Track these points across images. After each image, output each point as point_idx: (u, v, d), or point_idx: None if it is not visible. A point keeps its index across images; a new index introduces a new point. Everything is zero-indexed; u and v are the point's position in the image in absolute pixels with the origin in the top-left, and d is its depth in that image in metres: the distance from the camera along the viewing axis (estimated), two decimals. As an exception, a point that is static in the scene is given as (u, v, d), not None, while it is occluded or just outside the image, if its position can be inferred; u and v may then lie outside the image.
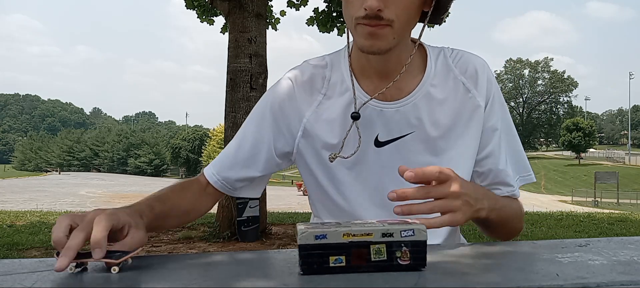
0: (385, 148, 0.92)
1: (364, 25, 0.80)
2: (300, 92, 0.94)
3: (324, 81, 0.95)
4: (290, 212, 10.62)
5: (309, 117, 0.94)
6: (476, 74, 0.93)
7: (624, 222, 8.60)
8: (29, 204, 14.70)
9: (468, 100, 0.92)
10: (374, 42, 0.81)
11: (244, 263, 0.60)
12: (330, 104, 0.93)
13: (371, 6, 0.77)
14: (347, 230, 0.54)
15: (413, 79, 0.92)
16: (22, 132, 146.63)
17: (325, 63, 0.96)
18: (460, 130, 0.92)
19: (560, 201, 28.41)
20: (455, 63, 0.94)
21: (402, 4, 0.80)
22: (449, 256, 0.63)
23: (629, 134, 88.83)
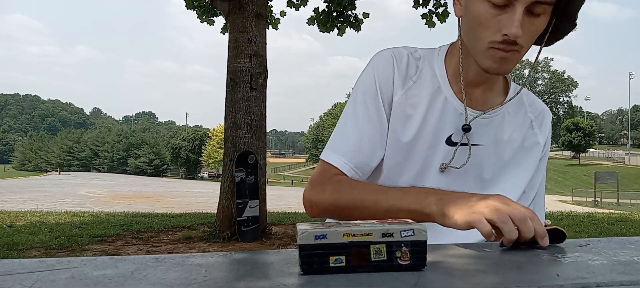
0: (453, 149, 0.96)
1: (498, 50, 0.83)
2: (398, 71, 0.97)
3: (417, 69, 0.98)
4: (290, 212, 10.63)
5: (399, 97, 0.96)
6: (543, 118, 1.02)
7: (624, 222, 8.61)
8: (29, 204, 14.70)
9: (531, 136, 1.00)
10: (502, 66, 0.85)
11: (244, 263, 0.60)
12: (419, 92, 0.96)
13: (515, 34, 0.80)
14: (347, 230, 0.54)
15: (495, 97, 0.98)
16: (22, 132, 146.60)
17: (419, 55, 0.99)
18: (519, 160, 0.99)
19: (560, 201, 28.41)
20: (528, 101, 1.02)
21: (532, 32, 0.83)
22: (449, 256, 0.63)
23: (629, 134, 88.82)
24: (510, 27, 0.79)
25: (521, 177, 1.00)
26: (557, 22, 0.87)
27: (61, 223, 7.78)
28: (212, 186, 32.53)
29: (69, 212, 10.36)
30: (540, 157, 1.01)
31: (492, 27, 0.82)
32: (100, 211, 10.87)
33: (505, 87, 1.01)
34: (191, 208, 13.34)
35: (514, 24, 0.79)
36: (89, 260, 0.61)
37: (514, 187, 0.99)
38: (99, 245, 5.97)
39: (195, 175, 65.09)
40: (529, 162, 1.00)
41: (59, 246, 5.80)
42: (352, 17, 9.06)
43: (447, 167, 0.95)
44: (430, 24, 9.03)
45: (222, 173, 6.95)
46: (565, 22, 0.87)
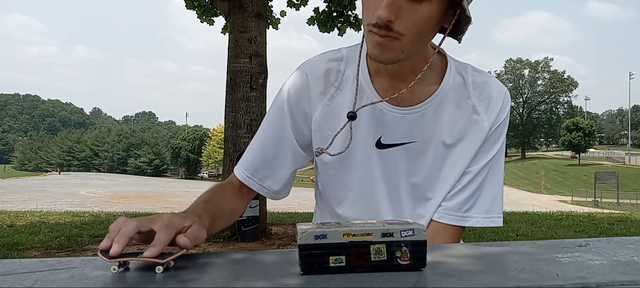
0: (386, 151, 0.93)
1: (374, 33, 0.79)
2: (314, 85, 0.94)
3: (338, 74, 0.94)
4: (290, 212, 10.62)
5: (320, 110, 0.94)
6: (490, 99, 0.92)
7: (624, 222, 8.60)
8: (29, 204, 14.70)
9: (473, 124, 0.92)
10: (381, 53, 0.80)
11: (244, 263, 0.60)
12: (342, 96, 0.94)
13: (380, 16, 0.76)
14: (347, 230, 0.54)
15: (427, 88, 0.91)
16: (22, 132, 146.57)
17: (341, 56, 0.95)
18: (459, 150, 0.92)
19: (560, 201, 28.41)
20: (475, 84, 0.93)
21: (414, 19, 0.77)
22: (449, 256, 0.63)
23: (629, 134, 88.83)
24: (378, 8, 0.76)
25: (456, 168, 0.92)
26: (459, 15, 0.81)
27: (61, 223, 7.78)
28: (212, 186, 32.48)
29: (69, 212, 10.35)
30: (483, 141, 0.92)
31: (371, 9, 0.79)
32: (100, 211, 10.87)
33: (441, 72, 0.92)
34: (191, 208, 13.31)
35: (382, 6, 0.75)
36: (89, 260, 0.61)
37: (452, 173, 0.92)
38: (99, 245, 5.97)
39: (195, 175, 65.08)
40: (467, 149, 0.92)
41: (59, 246, 5.79)
42: (352, 17, 9.05)
43: (322, 151, 0.91)
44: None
45: (222, 174, 6.96)
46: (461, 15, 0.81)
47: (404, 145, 0.92)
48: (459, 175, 0.93)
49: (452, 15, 0.82)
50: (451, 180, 0.93)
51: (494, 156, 0.93)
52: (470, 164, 0.93)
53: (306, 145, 0.98)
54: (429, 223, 0.95)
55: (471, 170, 0.93)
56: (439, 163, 0.93)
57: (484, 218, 0.93)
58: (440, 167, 0.93)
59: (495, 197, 0.95)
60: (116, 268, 0.55)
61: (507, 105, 0.94)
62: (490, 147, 0.93)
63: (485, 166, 0.93)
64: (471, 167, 0.93)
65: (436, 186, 0.94)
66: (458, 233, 0.95)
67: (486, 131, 0.92)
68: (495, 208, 0.95)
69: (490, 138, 0.92)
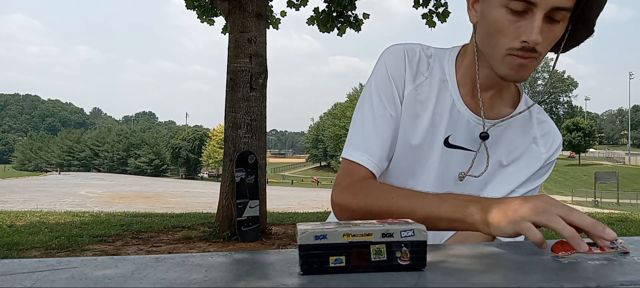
0: (450, 151, 0.96)
1: (517, 57, 0.82)
2: (409, 65, 0.96)
3: (428, 66, 0.97)
4: (290, 212, 10.62)
5: (409, 92, 0.96)
6: (552, 141, 1.00)
7: (624, 222, 8.60)
8: (29, 204, 14.70)
9: (532, 151, 0.98)
10: (520, 73, 0.84)
11: (244, 263, 0.60)
12: (429, 89, 0.96)
13: (535, 41, 0.78)
14: (347, 230, 0.54)
15: (503, 107, 0.97)
16: (22, 132, 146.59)
17: (431, 53, 0.98)
18: (513, 170, 0.98)
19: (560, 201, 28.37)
20: (539, 120, 1.01)
21: (550, 38, 0.81)
22: (449, 256, 0.63)
23: (629, 133, 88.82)
24: (530, 34, 0.78)
25: (508, 182, 0.97)
26: (574, 28, 0.85)
27: (61, 223, 7.78)
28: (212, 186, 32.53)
29: (69, 212, 10.36)
30: (537, 170, 0.98)
31: (511, 33, 0.81)
32: (100, 211, 10.88)
33: (516, 97, 0.99)
34: (191, 208, 13.34)
35: (534, 31, 0.78)
36: (89, 260, 0.61)
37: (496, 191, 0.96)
38: (99, 245, 5.97)
39: (195, 175, 65.09)
40: (522, 170, 0.97)
41: (59, 246, 5.79)
42: (352, 17, 9.05)
43: (466, 175, 0.94)
44: (430, 23, 9.02)
45: (222, 174, 6.95)
46: (582, 28, 0.85)
47: (465, 151, 0.96)
48: (506, 193, 0.97)
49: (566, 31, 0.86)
50: (498, 194, 0.96)
51: (537, 187, 1.00)
52: (520, 186, 0.98)
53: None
54: None
55: (518, 191, 0.97)
56: (489, 177, 0.97)
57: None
58: (490, 181, 0.97)
59: None
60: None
61: (560, 149, 1.02)
62: (538, 177, 0.99)
63: (528, 192, 0.98)
64: (519, 188, 0.98)
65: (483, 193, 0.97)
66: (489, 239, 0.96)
67: (542, 161, 0.98)
68: None
69: (541, 170, 0.99)
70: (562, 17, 0.80)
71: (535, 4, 0.77)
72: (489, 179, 0.97)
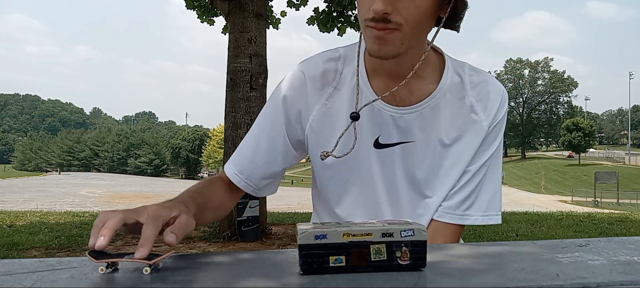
0: (384, 151, 0.92)
1: (372, 28, 0.79)
2: (311, 84, 0.94)
3: (335, 74, 0.94)
4: (290, 212, 10.62)
5: (318, 110, 0.93)
6: (488, 98, 0.92)
7: (624, 222, 8.60)
8: (29, 204, 14.70)
9: (472, 123, 0.92)
10: (382, 47, 0.80)
11: (244, 263, 0.60)
12: (340, 96, 0.93)
13: (377, 9, 0.75)
14: (347, 230, 0.54)
15: (426, 86, 0.91)
16: (22, 132, 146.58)
17: (339, 55, 0.95)
18: (458, 149, 0.92)
19: (560, 201, 28.42)
20: (472, 83, 0.93)
21: (411, 7, 0.77)
22: (449, 256, 0.63)
23: (629, 133, 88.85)
24: (373, 2, 0.76)
25: (456, 167, 0.92)
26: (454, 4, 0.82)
27: (61, 223, 7.78)
28: (212, 186, 32.47)
29: (69, 212, 10.36)
30: (482, 140, 0.92)
31: (366, 4, 0.78)
32: (100, 211, 10.84)
33: (440, 69, 0.92)
34: (191, 208, 13.31)
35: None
36: (88, 260, 0.61)
37: (452, 171, 0.92)
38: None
39: (196, 175, 65.06)
40: (467, 149, 0.92)
41: (59, 246, 5.80)
42: (353, 17, 9.05)
43: (328, 155, 0.89)
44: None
45: (222, 174, 6.95)
46: (461, 4, 0.82)
47: (401, 145, 0.92)
48: (459, 175, 0.93)
49: (448, 4, 0.82)
50: (451, 179, 0.93)
51: (492, 155, 0.94)
52: (469, 163, 0.93)
53: (299, 145, 0.97)
54: (429, 222, 0.95)
55: (470, 169, 0.93)
56: (437, 162, 0.93)
57: (483, 217, 0.94)
58: (439, 166, 0.93)
59: (494, 195, 0.95)
60: (104, 269, 0.54)
61: (505, 104, 0.94)
62: (488, 145, 0.93)
63: (483, 165, 0.93)
64: (470, 166, 0.93)
65: (435, 185, 0.94)
66: (458, 232, 0.95)
67: (485, 130, 0.92)
68: (493, 206, 0.95)
69: (489, 137, 0.93)
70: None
71: None
72: (439, 164, 0.92)
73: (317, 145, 0.95)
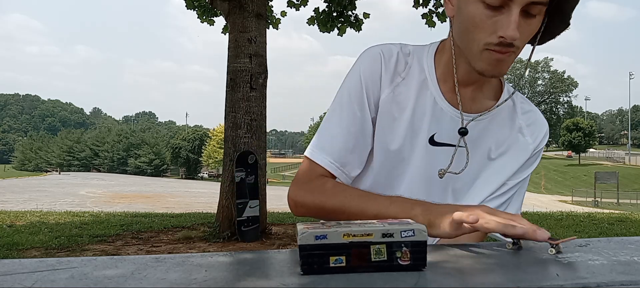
0: (435, 149, 0.95)
1: (494, 52, 0.81)
2: (385, 68, 0.95)
3: (406, 66, 0.96)
4: (290, 212, 10.60)
5: (386, 94, 0.95)
6: (538, 130, 0.99)
7: (624, 222, 8.60)
8: (29, 204, 14.69)
9: (518, 141, 0.97)
10: (498, 68, 0.83)
11: (244, 263, 0.60)
12: (407, 89, 0.95)
13: (512, 37, 0.78)
14: (347, 230, 0.54)
15: (485, 100, 0.96)
16: (22, 132, 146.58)
17: (409, 51, 0.97)
18: (502, 163, 0.97)
19: (560, 201, 28.41)
20: (523, 110, 0.99)
21: (529, 32, 0.81)
22: (449, 256, 0.63)
23: (629, 133, 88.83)
24: (507, 28, 0.78)
25: (496, 176, 0.96)
26: (550, 21, 0.85)
27: (61, 223, 7.78)
28: (212, 186, 32.52)
29: (69, 212, 10.36)
30: (525, 160, 0.97)
31: (487, 28, 0.80)
32: (100, 211, 10.87)
33: (498, 89, 0.98)
34: (191, 208, 13.33)
35: (511, 26, 0.77)
36: (89, 260, 0.61)
37: (487, 185, 0.96)
38: (99, 245, 5.97)
39: (195, 175, 65.05)
40: (510, 163, 0.96)
41: (59, 246, 5.80)
42: (353, 17, 9.05)
43: (446, 172, 0.92)
44: (430, 23, 9.03)
45: (222, 173, 6.95)
46: (558, 21, 0.85)
47: (452, 147, 0.94)
48: (497, 185, 0.96)
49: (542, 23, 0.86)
50: (489, 188, 0.96)
51: (526, 178, 0.99)
52: (510, 178, 0.97)
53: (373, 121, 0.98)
54: None
55: (508, 183, 0.97)
56: (477, 171, 0.96)
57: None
58: (478, 176, 0.96)
59: (517, 212, 0.98)
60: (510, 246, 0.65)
61: (547, 137, 1.00)
62: (527, 167, 0.98)
63: (518, 184, 0.97)
64: (510, 181, 0.97)
65: (471, 193, 0.96)
66: (480, 238, 0.96)
67: (530, 152, 0.97)
68: None
69: (529, 160, 0.98)
70: (539, 11, 0.80)
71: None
72: (478, 174, 0.96)
73: (379, 128, 0.95)
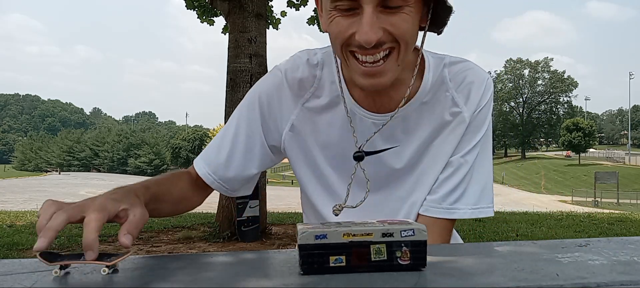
0: (369, 159, 0.89)
1: (361, 63, 0.75)
2: (290, 88, 0.92)
3: (314, 79, 0.91)
4: (290, 212, 10.62)
5: (296, 114, 0.92)
6: (469, 89, 0.88)
7: (624, 222, 8.60)
8: (29, 204, 14.69)
9: (453, 116, 0.89)
10: (378, 81, 0.76)
11: (244, 263, 0.60)
12: (318, 102, 0.91)
13: (367, 40, 0.71)
14: (347, 230, 0.54)
15: (406, 89, 0.86)
16: (22, 132, 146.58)
17: (317, 61, 0.91)
18: (439, 143, 0.90)
19: (560, 201, 28.41)
20: (453, 75, 0.89)
21: (400, 24, 0.73)
22: (449, 256, 0.63)
23: (629, 134, 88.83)
24: (361, 33, 0.71)
25: (438, 159, 0.89)
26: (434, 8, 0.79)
27: (61, 223, 7.77)
28: (212, 186, 32.42)
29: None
30: (464, 130, 0.88)
31: (345, 33, 0.74)
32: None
33: (420, 71, 0.88)
34: (191, 208, 13.30)
35: (364, 29, 0.71)
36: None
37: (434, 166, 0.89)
38: (99, 245, 5.97)
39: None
40: (449, 141, 0.88)
41: (59, 246, 5.79)
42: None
43: (342, 208, 0.84)
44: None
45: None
46: (439, 8, 0.80)
47: (386, 151, 0.90)
48: (440, 169, 0.89)
49: (427, 12, 0.80)
50: (433, 173, 0.90)
51: (479, 143, 0.89)
52: (453, 154, 0.89)
53: (274, 148, 0.95)
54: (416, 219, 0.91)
55: (452, 161, 0.89)
56: (418, 159, 0.90)
57: (473, 210, 0.89)
58: (420, 162, 0.90)
59: (485, 186, 0.90)
60: (58, 272, 0.53)
61: (489, 89, 0.89)
62: (472, 135, 0.89)
63: (469, 153, 0.89)
64: (454, 156, 0.89)
65: (417, 184, 0.91)
66: (448, 228, 0.90)
67: (467, 120, 0.88)
68: (484, 198, 0.90)
69: (472, 125, 0.89)
70: (400, 2, 0.72)
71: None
72: (420, 158, 0.90)
73: (297, 149, 0.93)
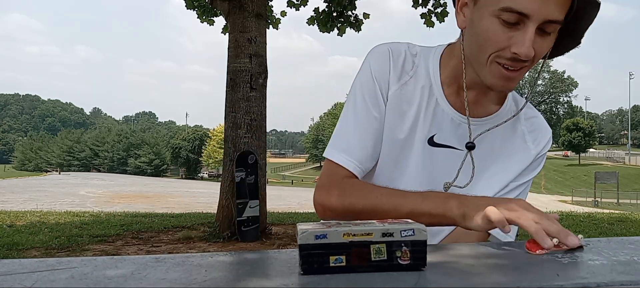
0: (435, 150, 0.95)
1: (504, 68, 0.81)
2: (394, 65, 0.96)
3: (413, 65, 0.97)
4: (290, 212, 10.62)
5: (394, 91, 0.95)
6: (539, 132, 1.00)
7: (624, 222, 8.60)
8: (29, 204, 14.68)
9: (520, 147, 0.98)
10: (507, 84, 0.84)
11: (244, 263, 0.60)
12: (412, 89, 0.96)
13: (526, 55, 0.78)
14: (347, 229, 0.54)
15: (489, 105, 0.96)
16: (22, 132, 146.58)
17: (416, 51, 0.98)
18: (504, 166, 0.97)
19: (560, 201, 28.39)
20: (528, 117, 1.00)
21: (542, 49, 0.81)
22: (449, 256, 0.62)
23: (629, 134, 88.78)
24: (521, 46, 0.77)
25: (499, 179, 0.97)
26: (560, 38, 0.85)
27: (61, 223, 7.78)
28: (212, 186, 32.49)
29: (69, 212, 10.35)
30: (526, 166, 0.98)
31: (501, 43, 0.80)
32: (100, 211, 10.87)
33: (501, 97, 0.98)
34: (191, 208, 13.33)
35: (526, 44, 0.77)
36: (89, 260, 0.61)
37: (488, 187, 0.96)
38: (99, 245, 5.97)
39: (195, 175, 65.06)
40: (513, 167, 0.97)
41: (59, 246, 5.79)
42: (352, 17, 9.05)
43: (451, 185, 0.93)
44: (429, 23, 9.03)
45: (222, 173, 6.96)
46: (569, 40, 0.86)
47: (453, 149, 0.95)
48: (499, 188, 0.96)
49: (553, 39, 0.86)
50: (490, 191, 0.96)
51: (528, 181, 1.00)
52: (511, 182, 0.97)
53: None
54: None
55: (511, 185, 0.97)
56: (479, 173, 0.95)
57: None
58: (481, 177, 0.96)
59: None
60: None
61: (550, 143, 1.01)
62: (529, 172, 0.99)
63: (520, 186, 0.98)
64: (511, 184, 0.97)
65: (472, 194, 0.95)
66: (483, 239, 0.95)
67: (532, 157, 0.98)
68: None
69: (531, 165, 0.99)
70: (553, 29, 0.80)
71: (528, 16, 0.76)
72: (480, 177, 0.96)
73: (387, 119, 0.96)
